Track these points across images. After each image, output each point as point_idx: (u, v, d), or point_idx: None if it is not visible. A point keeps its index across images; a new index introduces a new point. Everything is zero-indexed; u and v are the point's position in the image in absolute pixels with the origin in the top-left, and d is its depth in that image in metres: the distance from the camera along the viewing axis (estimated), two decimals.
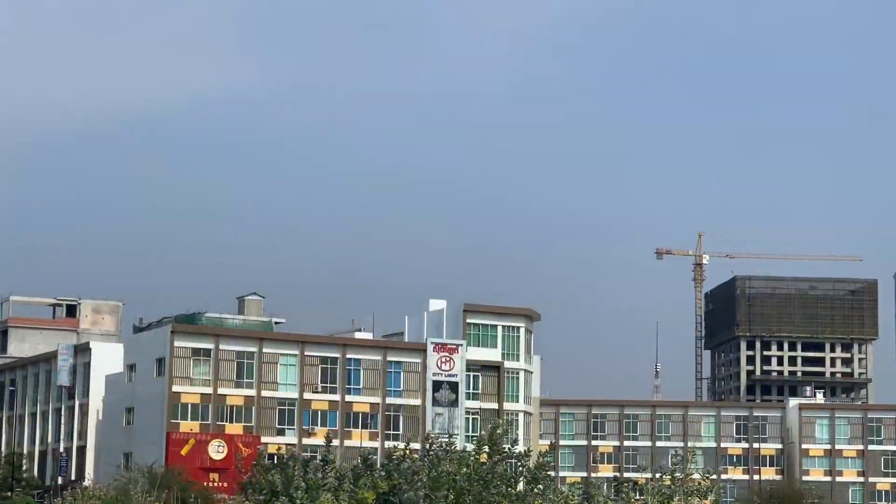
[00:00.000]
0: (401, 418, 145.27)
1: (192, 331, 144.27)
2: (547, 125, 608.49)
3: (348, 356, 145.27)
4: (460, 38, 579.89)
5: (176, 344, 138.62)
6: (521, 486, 48.49)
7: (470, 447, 49.95)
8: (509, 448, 48.25)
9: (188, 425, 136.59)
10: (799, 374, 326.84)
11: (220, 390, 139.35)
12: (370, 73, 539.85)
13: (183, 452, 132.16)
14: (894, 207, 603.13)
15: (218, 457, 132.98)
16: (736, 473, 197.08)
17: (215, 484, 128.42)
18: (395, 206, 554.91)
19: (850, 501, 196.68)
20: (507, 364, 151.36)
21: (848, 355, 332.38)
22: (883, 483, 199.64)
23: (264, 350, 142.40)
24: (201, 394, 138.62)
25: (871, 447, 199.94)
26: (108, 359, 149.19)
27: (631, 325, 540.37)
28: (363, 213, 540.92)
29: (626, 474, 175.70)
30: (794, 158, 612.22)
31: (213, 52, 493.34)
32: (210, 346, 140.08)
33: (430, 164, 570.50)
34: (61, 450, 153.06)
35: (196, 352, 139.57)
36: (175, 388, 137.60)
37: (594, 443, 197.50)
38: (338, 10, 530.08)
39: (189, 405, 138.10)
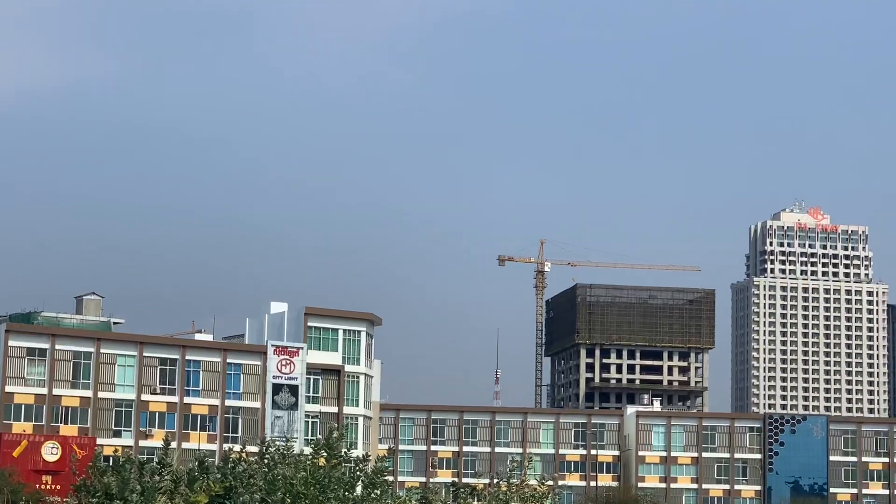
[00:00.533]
0: (240, 421, 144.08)
1: (26, 330, 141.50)
2: (391, 131, 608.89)
3: (188, 357, 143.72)
4: (302, 37, 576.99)
5: (10, 343, 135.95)
6: (358, 491, 48.25)
7: (308, 451, 49.62)
8: (346, 452, 48.01)
9: (21, 426, 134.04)
10: (637, 381, 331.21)
11: (56, 391, 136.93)
12: (216, 76, 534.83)
13: (15, 454, 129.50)
14: (732, 220, 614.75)
15: (51, 459, 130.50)
16: (574, 480, 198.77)
17: (48, 487, 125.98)
18: (239, 208, 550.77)
19: None
20: (348, 368, 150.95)
21: (685, 364, 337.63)
22: (716, 489, 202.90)
23: (102, 350, 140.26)
24: (35, 394, 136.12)
25: (705, 454, 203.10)
26: None
27: (472, 331, 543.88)
28: (206, 216, 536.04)
29: (464, 479, 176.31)
30: (637, 169, 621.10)
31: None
32: (45, 345, 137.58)
33: (278, 166, 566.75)
34: None
35: (31, 351, 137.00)
36: (8, 389, 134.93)
37: (433, 448, 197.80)
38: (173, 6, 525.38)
39: (22, 406, 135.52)
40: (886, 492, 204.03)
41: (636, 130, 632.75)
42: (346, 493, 47.21)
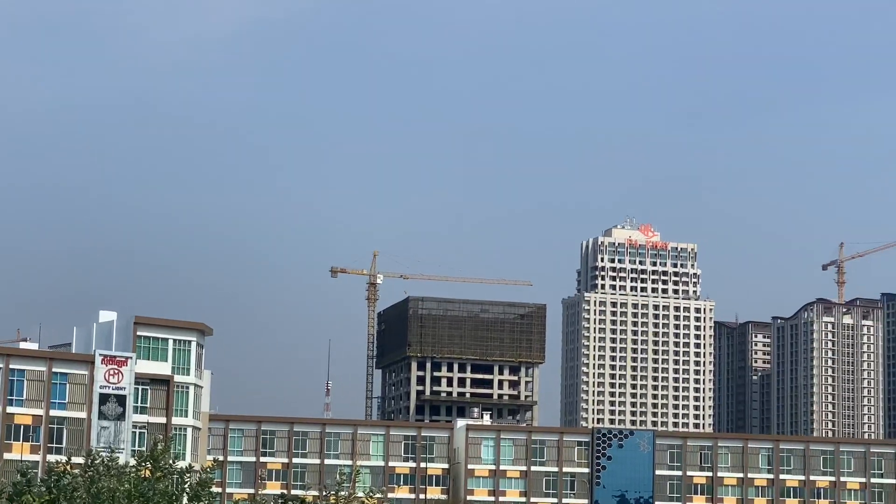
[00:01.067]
0: (65, 431, 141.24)
1: None
2: (225, 143, 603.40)
3: (11, 366, 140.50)
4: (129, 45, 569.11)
5: None
6: (184, 503, 47.54)
7: (133, 462, 48.78)
8: (171, 464, 47.28)
9: None
10: (468, 395, 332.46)
11: None
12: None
13: None
14: (564, 236, 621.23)
15: None
16: (403, 492, 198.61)
17: None
18: (64, 217, 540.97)
19: None
20: (178, 378, 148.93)
21: (515, 378, 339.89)
22: (544, 503, 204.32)
23: None
24: None
25: (534, 468, 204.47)
26: None
27: (304, 342, 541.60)
28: (33, 224, 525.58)
29: (293, 491, 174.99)
30: (471, 183, 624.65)
31: None
32: None
33: (102, 181, 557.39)
34: None
35: None
36: None
37: (262, 459, 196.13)
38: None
39: None
40: None
41: (470, 144, 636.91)
42: None
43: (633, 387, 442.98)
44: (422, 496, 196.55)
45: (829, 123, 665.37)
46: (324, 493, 46.08)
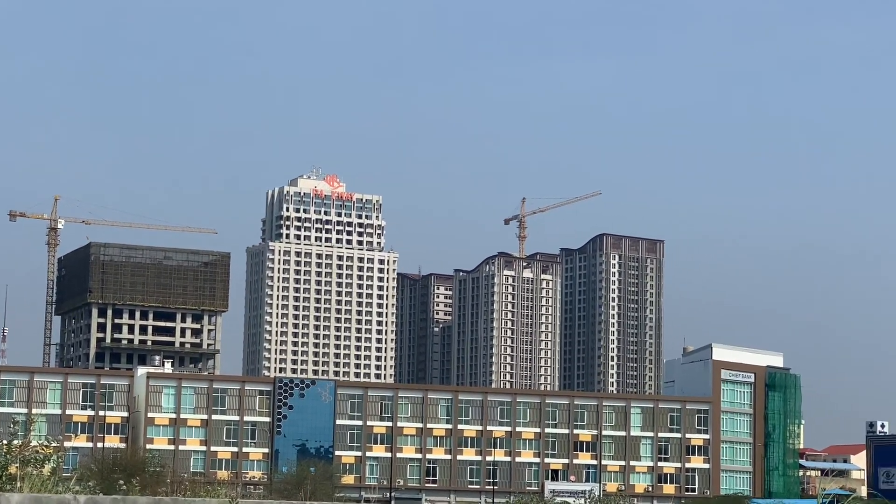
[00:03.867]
0: None
1: None
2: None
3: None
4: None
5: None
6: None
7: None
8: None
9: None
10: (149, 342, 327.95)
11: None
12: None
13: None
14: (250, 184, 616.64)
15: None
16: (80, 441, 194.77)
17: None
18: None
19: (192, 469, 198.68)
20: None
21: (198, 326, 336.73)
22: (224, 452, 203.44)
23: None
24: None
25: (214, 417, 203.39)
26: None
27: None
28: None
29: None
30: (151, 129, 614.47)
31: None
32: None
33: None
34: None
35: None
36: None
37: None
38: None
39: None
40: (389, 455, 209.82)
41: (155, 93, 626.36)
42: None
43: (316, 337, 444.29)
44: (99, 445, 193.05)
45: (516, 81, 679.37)
46: None
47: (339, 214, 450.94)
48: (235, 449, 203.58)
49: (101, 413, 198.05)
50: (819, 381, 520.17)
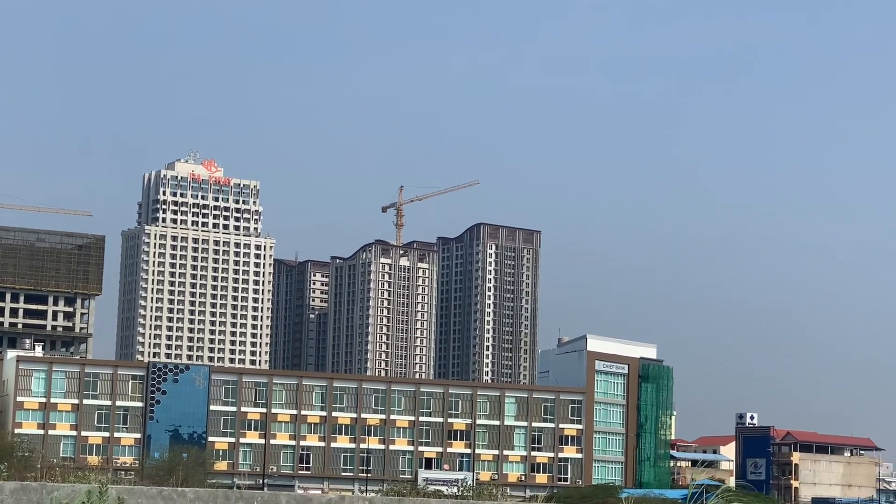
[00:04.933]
0: None
1: None
2: None
3: None
4: None
5: None
6: None
7: None
8: None
9: None
10: (20, 325, 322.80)
11: None
12: None
13: None
14: (127, 167, 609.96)
15: None
16: None
17: None
18: None
19: (62, 454, 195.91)
20: None
21: (70, 309, 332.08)
22: (95, 437, 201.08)
23: None
24: None
25: (86, 401, 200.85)
26: None
27: None
28: None
29: None
30: (28, 111, 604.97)
31: None
32: None
33: None
34: None
35: None
36: None
37: None
38: None
39: None
40: (262, 441, 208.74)
41: (34, 76, 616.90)
42: None
43: (191, 322, 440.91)
44: None
45: (395, 69, 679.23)
46: None
47: (217, 199, 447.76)
48: (107, 434, 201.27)
49: None
50: (691, 373, 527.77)
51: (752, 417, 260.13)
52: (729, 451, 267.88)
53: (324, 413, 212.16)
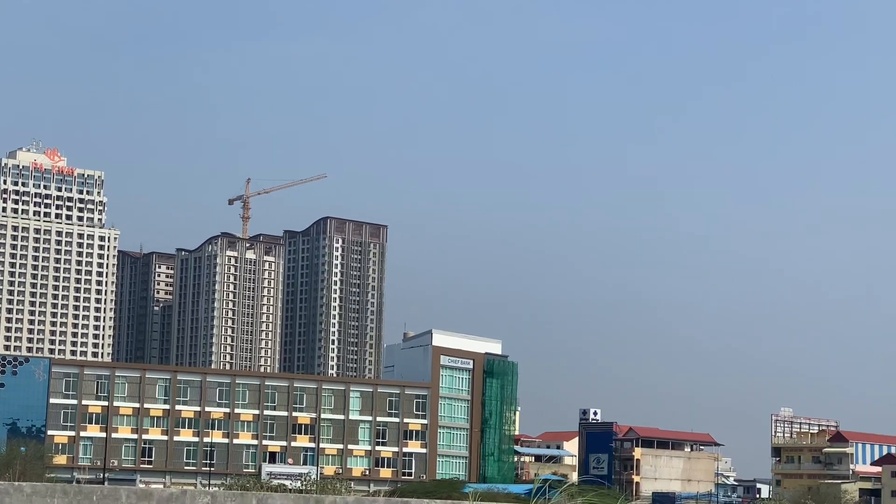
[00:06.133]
0: None
1: None
2: None
3: None
4: None
5: None
6: None
7: None
8: None
9: None
10: None
11: None
12: None
13: None
14: None
15: None
16: None
17: None
18: None
19: None
20: None
21: None
22: None
23: None
24: None
25: None
26: None
27: None
28: None
29: None
30: None
31: None
32: None
33: None
34: None
35: None
36: None
37: None
38: None
39: None
40: (104, 435, 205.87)
41: None
42: None
43: (32, 313, 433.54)
44: None
45: (241, 61, 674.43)
46: None
47: (60, 189, 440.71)
48: None
49: None
50: (536, 369, 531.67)
51: (595, 413, 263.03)
52: (572, 447, 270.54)
53: (167, 406, 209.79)
